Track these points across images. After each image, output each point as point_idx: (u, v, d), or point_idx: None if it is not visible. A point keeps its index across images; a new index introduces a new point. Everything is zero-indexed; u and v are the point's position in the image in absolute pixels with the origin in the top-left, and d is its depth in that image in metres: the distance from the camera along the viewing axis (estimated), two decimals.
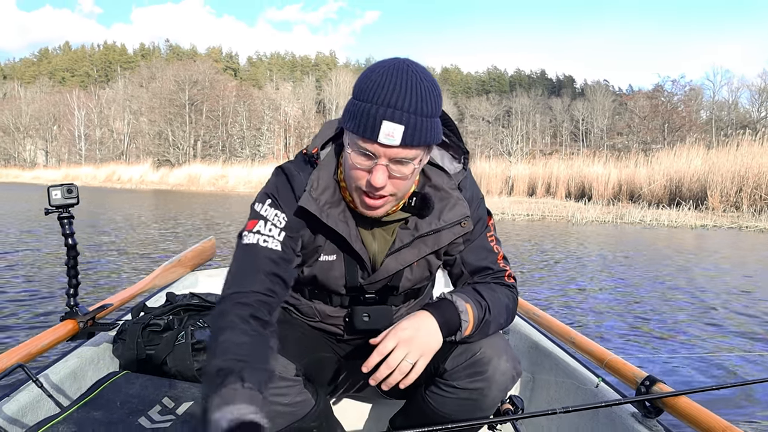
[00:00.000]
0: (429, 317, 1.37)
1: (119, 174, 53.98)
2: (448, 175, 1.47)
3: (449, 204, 1.45)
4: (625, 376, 1.69)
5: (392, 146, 1.23)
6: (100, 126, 71.87)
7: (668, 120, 56.32)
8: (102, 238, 10.25)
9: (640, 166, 24.94)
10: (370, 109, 1.22)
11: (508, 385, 1.44)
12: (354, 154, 1.28)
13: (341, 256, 1.47)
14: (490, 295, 1.46)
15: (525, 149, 57.52)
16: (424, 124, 1.24)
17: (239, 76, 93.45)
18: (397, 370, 1.32)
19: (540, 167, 29.27)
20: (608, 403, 1.52)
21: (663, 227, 16.32)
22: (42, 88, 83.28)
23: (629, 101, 66.37)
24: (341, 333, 1.61)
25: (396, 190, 1.32)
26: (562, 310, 5.52)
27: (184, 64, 72.15)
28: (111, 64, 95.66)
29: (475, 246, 1.53)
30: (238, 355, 1.18)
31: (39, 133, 76.65)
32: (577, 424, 1.83)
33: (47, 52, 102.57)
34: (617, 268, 8.42)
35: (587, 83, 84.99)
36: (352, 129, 1.25)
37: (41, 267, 6.98)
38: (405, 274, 1.52)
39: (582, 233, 13.93)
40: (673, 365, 3.99)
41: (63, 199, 1.78)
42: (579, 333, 2.08)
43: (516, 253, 9.60)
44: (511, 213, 19.35)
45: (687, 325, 5.11)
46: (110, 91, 78.01)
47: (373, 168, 1.27)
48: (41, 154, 76.64)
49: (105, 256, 8.17)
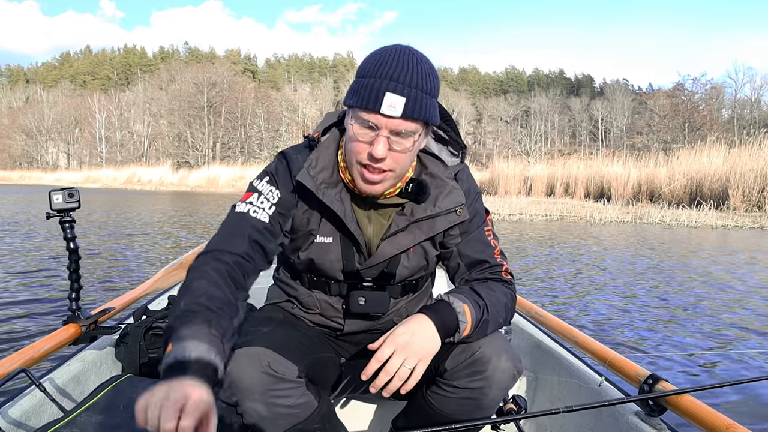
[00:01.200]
0: (426, 320, 1.36)
1: (139, 176, 54.64)
2: (444, 165, 1.53)
3: (445, 191, 1.49)
4: (628, 375, 1.68)
5: (394, 117, 1.29)
6: (120, 128, 72.82)
7: (689, 119, 55.71)
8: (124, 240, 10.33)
9: (660, 165, 24.67)
10: (373, 83, 1.29)
11: (509, 384, 1.43)
12: (356, 127, 1.33)
13: (337, 239, 1.50)
14: (488, 294, 1.46)
15: (543, 149, 57.24)
16: (424, 99, 1.31)
17: (257, 78, 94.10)
18: (396, 377, 1.31)
19: (559, 167, 29.10)
20: (611, 402, 1.51)
21: (683, 227, 16.13)
22: (64, 92, 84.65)
23: (649, 100, 65.77)
24: (340, 326, 1.60)
25: (395, 165, 1.36)
26: (587, 311, 5.46)
27: (203, 67, 72.80)
28: (131, 67, 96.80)
29: (472, 239, 1.55)
30: (208, 303, 1.21)
31: (61, 136, 77.81)
32: (581, 423, 1.83)
33: (69, 56, 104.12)
34: (632, 266, 8.34)
35: (606, 82, 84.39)
36: (355, 103, 1.31)
37: (56, 270, 7.05)
38: (402, 262, 1.53)
39: (600, 234, 13.79)
40: (676, 363, 3.96)
41: (64, 203, 1.78)
42: (581, 332, 2.07)
43: (531, 250, 9.52)
44: (528, 213, 19.21)
45: (698, 323, 5.06)
46: (130, 93, 79.13)
47: (374, 140, 1.32)
48: (63, 157, 77.78)
49: (125, 255, 8.24)
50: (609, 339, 4.48)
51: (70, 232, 1.82)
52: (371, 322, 1.61)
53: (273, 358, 1.33)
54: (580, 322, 5.04)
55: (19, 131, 77.36)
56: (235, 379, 1.31)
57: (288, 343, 1.41)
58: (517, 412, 1.61)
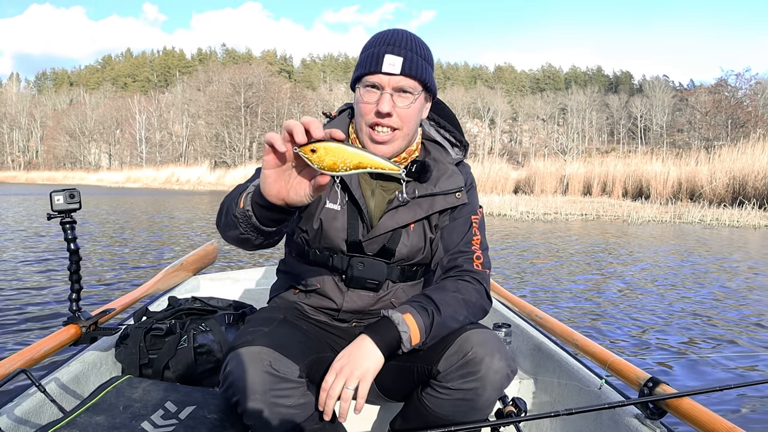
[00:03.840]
0: (364, 339, 1.42)
1: (178, 175, 55.59)
2: (447, 152, 1.67)
3: (446, 174, 1.62)
4: (628, 378, 1.68)
5: (394, 74, 1.46)
6: (159, 129, 74.35)
7: (732, 115, 54.32)
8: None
9: (701, 163, 23.99)
10: (373, 51, 1.49)
11: (503, 384, 1.43)
12: (362, 90, 1.50)
13: (344, 208, 1.59)
14: (439, 296, 1.50)
15: (581, 147, 56.43)
16: (420, 62, 1.49)
17: (293, 78, 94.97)
18: (341, 400, 1.36)
19: (596, 166, 28.56)
20: (611, 405, 1.52)
21: (724, 227, 15.67)
22: (105, 94, 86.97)
23: (690, 97, 64.38)
24: (338, 305, 1.64)
25: (401, 124, 1.51)
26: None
27: (240, 68, 73.85)
28: (170, 69, 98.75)
29: (458, 224, 1.65)
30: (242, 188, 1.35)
31: (103, 137, 79.90)
32: (580, 425, 1.82)
33: (110, 59, 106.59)
34: (635, 265, 8.14)
35: (646, 79, 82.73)
36: (360, 71, 1.50)
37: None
38: (402, 239, 1.61)
39: (636, 234, 13.51)
40: (676, 366, 3.90)
41: (65, 204, 1.77)
42: (581, 334, 2.07)
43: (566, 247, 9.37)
44: (564, 213, 18.88)
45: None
46: (169, 95, 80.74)
47: (379, 99, 1.48)
48: (105, 157, 79.79)
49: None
50: (609, 339, 4.47)
51: (71, 233, 1.81)
52: (368, 301, 1.64)
53: (274, 357, 1.34)
54: (582, 321, 4.99)
55: (63, 133, 79.68)
56: (236, 379, 1.32)
57: (289, 342, 1.43)
58: (517, 415, 1.60)
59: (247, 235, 1.28)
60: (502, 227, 14.31)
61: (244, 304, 2.25)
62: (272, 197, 1.14)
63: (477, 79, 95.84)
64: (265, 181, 1.13)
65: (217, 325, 1.97)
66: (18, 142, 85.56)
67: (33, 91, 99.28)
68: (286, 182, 1.12)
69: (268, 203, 1.16)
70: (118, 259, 7.93)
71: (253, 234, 1.27)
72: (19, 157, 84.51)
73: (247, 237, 1.29)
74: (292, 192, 1.13)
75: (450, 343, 1.45)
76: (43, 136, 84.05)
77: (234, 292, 3.15)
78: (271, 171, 1.11)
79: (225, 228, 1.36)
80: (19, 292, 5.60)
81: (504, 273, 7.41)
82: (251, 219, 1.22)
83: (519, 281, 6.92)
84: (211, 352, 1.91)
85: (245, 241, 1.33)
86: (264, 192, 1.14)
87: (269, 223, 1.23)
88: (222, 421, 1.49)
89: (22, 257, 7.89)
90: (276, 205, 1.16)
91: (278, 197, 1.14)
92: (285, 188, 1.13)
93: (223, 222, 1.37)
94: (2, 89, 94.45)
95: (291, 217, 1.25)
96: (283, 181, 1.12)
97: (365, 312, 1.66)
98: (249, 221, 1.23)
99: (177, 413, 1.57)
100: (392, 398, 1.64)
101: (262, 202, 1.17)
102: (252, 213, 1.21)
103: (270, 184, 1.12)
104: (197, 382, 1.87)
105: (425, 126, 1.71)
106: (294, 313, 1.68)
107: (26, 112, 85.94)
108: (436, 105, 1.70)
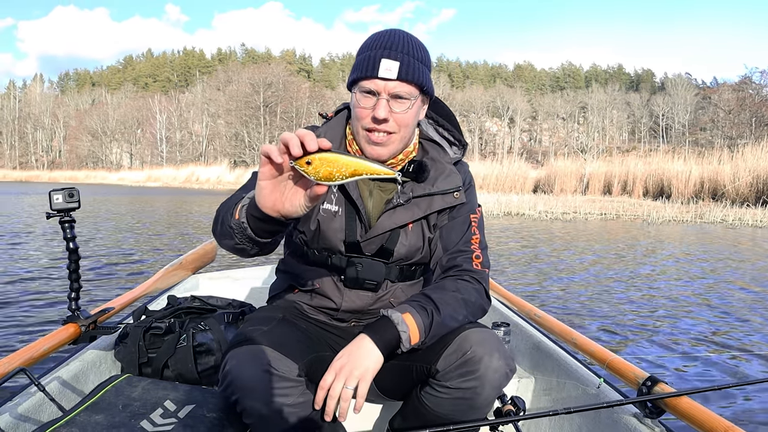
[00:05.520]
0: (363, 338, 1.42)
1: (198, 175, 56.07)
2: (445, 152, 1.67)
3: (444, 174, 1.61)
4: (627, 377, 1.68)
5: (390, 79, 1.44)
6: (180, 129, 75.03)
7: (756, 113, 53.49)
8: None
9: (723, 162, 23.60)
10: (369, 55, 1.46)
11: (502, 383, 1.43)
12: (359, 95, 1.48)
13: (342, 209, 1.59)
14: (438, 295, 1.50)
15: (601, 146, 55.93)
16: (417, 65, 1.47)
17: (312, 77, 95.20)
18: (341, 399, 1.36)
19: (616, 165, 28.25)
20: (610, 404, 1.53)
21: (747, 227, 15.42)
22: (126, 94, 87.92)
23: (713, 95, 63.55)
24: (337, 304, 1.64)
25: (398, 128, 1.49)
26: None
27: (259, 68, 74.28)
28: (190, 69, 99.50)
29: (457, 223, 1.64)
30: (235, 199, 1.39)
31: (124, 137, 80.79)
32: (579, 424, 1.82)
33: (131, 60, 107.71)
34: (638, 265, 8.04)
35: (668, 77, 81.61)
36: (356, 75, 1.48)
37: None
38: (400, 239, 1.60)
39: (652, 234, 13.35)
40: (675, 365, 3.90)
41: (64, 203, 1.78)
42: (580, 334, 2.06)
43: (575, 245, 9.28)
44: (583, 212, 18.72)
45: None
46: (189, 95, 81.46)
47: (375, 104, 1.46)
48: (126, 157, 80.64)
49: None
50: (608, 337, 4.47)
51: (70, 232, 1.81)
52: (366, 301, 1.64)
53: (273, 356, 1.35)
54: (581, 320, 4.99)
55: (85, 132, 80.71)
56: (235, 377, 1.33)
57: (288, 341, 1.44)
58: (516, 414, 1.60)
59: (242, 245, 1.30)
60: (519, 226, 14.25)
61: (243, 303, 2.25)
62: (267, 209, 1.16)
63: (496, 78, 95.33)
64: (261, 192, 1.14)
65: (217, 324, 1.97)
66: (41, 142, 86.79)
67: (56, 92, 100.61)
68: (281, 193, 1.14)
69: (264, 215, 1.17)
70: (118, 258, 8.01)
71: (249, 244, 1.29)
72: (42, 157, 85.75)
73: (243, 247, 1.32)
74: (288, 203, 1.14)
75: (449, 342, 1.44)
76: (66, 136, 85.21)
77: (233, 291, 3.16)
78: (267, 182, 1.13)
79: (221, 237, 1.39)
80: (19, 292, 5.63)
81: (506, 273, 7.42)
82: (246, 231, 1.24)
83: (520, 277, 6.97)
84: (211, 350, 1.91)
85: (241, 250, 1.35)
86: (259, 204, 1.16)
87: (264, 234, 1.25)
88: (221, 419, 1.49)
89: (24, 255, 7.97)
90: (271, 217, 1.17)
91: (273, 209, 1.15)
92: (280, 200, 1.14)
93: (219, 231, 1.39)
94: (26, 90, 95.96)
95: (286, 228, 1.26)
96: (278, 192, 1.14)
97: (364, 312, 1.65)
98: (244, 233, 1.25)
99: (176, 412, 1.57)
100: (391, 397, 1.65)
101: (258, 214, 1.18)
102: (247, 225, 1.23)
103: (265, 195, 1.14)
104: (196, 380, 1.87)
105: (423, 125, 1.70)
106: (293, 312, 1.69)
107: (50, 112, 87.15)
108: (434, 103, 1.69)
